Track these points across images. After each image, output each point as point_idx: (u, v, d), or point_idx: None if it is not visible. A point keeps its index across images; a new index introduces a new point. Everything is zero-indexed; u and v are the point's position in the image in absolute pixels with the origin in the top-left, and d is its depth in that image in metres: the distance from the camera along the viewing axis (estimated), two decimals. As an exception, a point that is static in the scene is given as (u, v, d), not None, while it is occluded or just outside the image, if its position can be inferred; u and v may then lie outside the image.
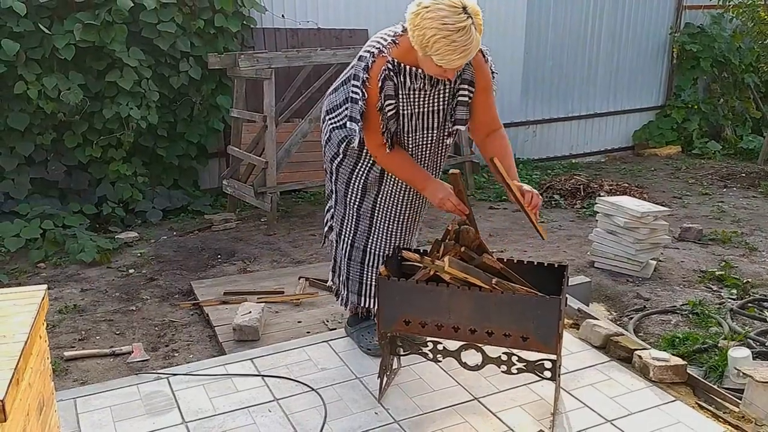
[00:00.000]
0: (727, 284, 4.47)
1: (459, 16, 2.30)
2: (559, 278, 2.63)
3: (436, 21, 2.29)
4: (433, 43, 2.32)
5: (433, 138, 2.79)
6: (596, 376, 2.89)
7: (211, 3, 5.88)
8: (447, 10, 2.30)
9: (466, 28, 2.30)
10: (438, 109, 2.72)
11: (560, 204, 6.38)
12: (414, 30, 2.36)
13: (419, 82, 2.60)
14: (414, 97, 2.65)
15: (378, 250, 2.97)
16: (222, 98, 6.12)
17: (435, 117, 2.73)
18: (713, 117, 8.77)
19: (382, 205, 2.91)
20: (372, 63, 2.56)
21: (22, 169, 5.52)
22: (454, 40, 2.30)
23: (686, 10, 8.61)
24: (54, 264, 4.87)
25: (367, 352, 3.08)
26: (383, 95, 2.57)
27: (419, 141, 2.77)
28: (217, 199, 6.36)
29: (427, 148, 2.81)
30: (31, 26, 5.20)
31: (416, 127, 2.73)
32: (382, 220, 2.93)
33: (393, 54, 2.55)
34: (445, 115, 2.74)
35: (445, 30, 2.29)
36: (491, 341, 2.54)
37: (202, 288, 4.27)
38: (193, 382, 2.88)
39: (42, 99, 5.30)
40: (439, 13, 2.29)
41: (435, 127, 2.76)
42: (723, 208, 6.30)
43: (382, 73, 2.54)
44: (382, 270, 2.63)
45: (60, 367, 3.38)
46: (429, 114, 2.71)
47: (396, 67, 2.55)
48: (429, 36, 2.32)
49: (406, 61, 2.55)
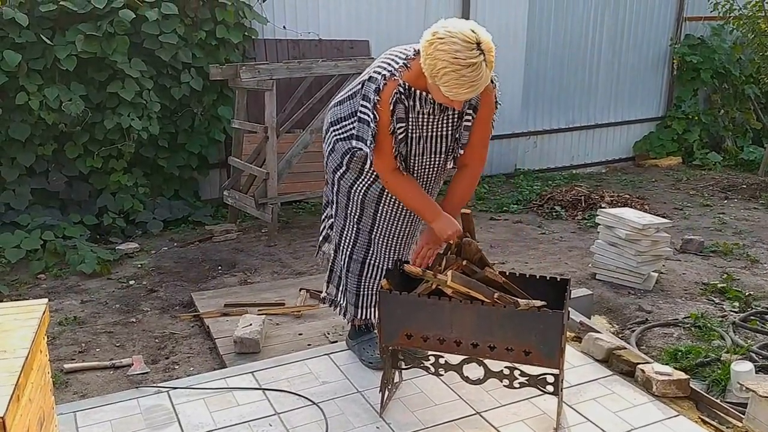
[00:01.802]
0: (729, 297, 4.45)
1: (471, 52, 2.31)
2: (562, 292, 2.63)
3: (448, 54, 2.31)
4: (443, 75, 2.34)
5: (439, 162, 2.81)
6: (599, 390, 2.88)
7: (212, 14, 5.89)
8: (460, 45, 2.31)
9: (476, 65, 2.31)
10: (445, 134, 2.73)
11: (561, 215, 6.38)
12: (426, 58, 2.37)
13: (428, 106, 2.62)
14: (422, 121, 2.67)
15: (377, 263, 2.97)
16: (223, 109, 6.12)
17: (442, 141, 2.75)
18: (714, 128, 8.78)
19: (381, 220, 2.93)
20: (383, 86, 2.56)
21: (23, 179, 5.51)
22: (463, 75, 2.31)
23: (686, 21, 8.63)
24: (54, 275, 4.86)
25: (368, 365, 3.07)
26: (395, 118, 2.58)
27: (425, 164, 2.79)
28: (218, 209, 6.35)
29: (432, 172, 2.84)
30: (32, 37, 5.21)
31: (423, 150, 2.74)
32: (382, 235, 2.95)
33: (404, 78, 2.57)
34: (452, 140, 2.76)
35: (456, 64, 2.30)
36: (493, 355, 2.53)
37: (202, 300, 4.26)
38: (194, 396, 2.87)
39: (43, 110, 5.30)
40: (452, 47, 2.30)
41: (442, 151, 2.78)
42: (724, 219, 6.29)
43: (393, 96, 2.55)
44: (383, 283, 2.63)
45: (60, 380, 3.36)
46: (436, 138, 2.73)
47: (407, 91, 2.57)
48: (439, 67, 2.33)
49: (417, 85, 2.56)
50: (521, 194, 7.03)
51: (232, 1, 5.94)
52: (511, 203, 6.73)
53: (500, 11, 7.36)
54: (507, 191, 7.24)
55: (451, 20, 2.41)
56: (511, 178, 7.74)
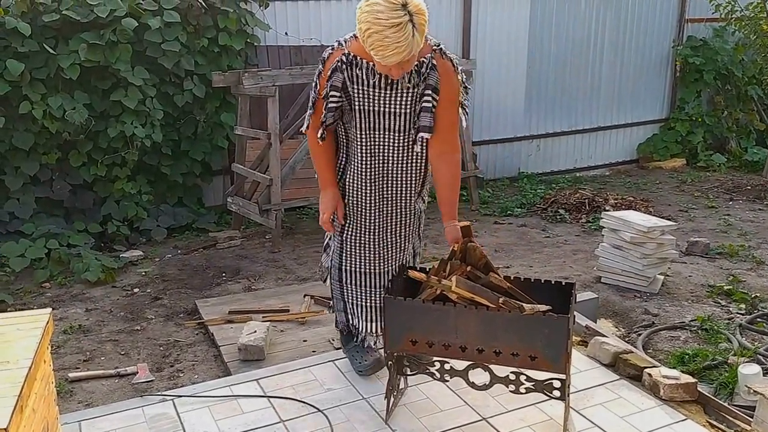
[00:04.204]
0: (735, 299, 4.43)
1: (395, 12, 2.29)
2: (567, 296, 2.61)
3: (371, 15, 2.31)
4: (368, 37, 2.34)
5: (398, 142, 2.73)
6: (606, 394, 2.86)
7: (215, 21, 5.91)
8: (383, 5, 2.30)
9: (400, 25, 2.29)
10: (400, 111, 2.66)
11: (565, 218, 6.36)
12: (357, 24, 2.39)
13: (374, 77, 2.59)
14: (370, 94, 2.63)
15: (352, 268, 2.92)
16: (226, 116, 6.13)
17: (397, 119, 2.68)
18: (717, 129, 8.76)
19: (350, 220, 2.87)
20: (329, 55, 2.62)
21: (27, 188, 5.52)
22: (386, 36, 2.30)
23: (688, 23, 8.62)
24: (59, 283, 4.86)
25: (359, 372, 3.04)
26: (329, 84, 2.61)
27: (380, 142, 2.73)
28: (222, 216, 6.35)
29: (393, 152, 2.75)
30: (36, 47, 5.23)
31: (374, 126, 2.70)
32: (351, 236, 2.88)
33: (351, 47, 2.58)
34: (408, 119, 2.68)
35: (378, 25, 2.30)
36: (499, 361, 2.51)
37: (206, 307, 4.25)
38: (199, 404, 2.86)
39: (47, 119, 5.31)
40: (375, 8, 2.31)
41: (397, 129, 2.70)
42: (729, 221, 6.27)
43: (334, 64, 2.58)
44: (387, 289, 2.62)
45: (65, 389, 3.36)
46: (389, 115, 2.67)
47: (351, 60, 2.58)
48: (364, 29, 2.34)
49: (364, 55, 2.54)
50: (525, 198, 7.01)
51: (234, 9, 5.96)
52: (515, 207, 6.72)
53: (502, 15, 7.36)
54: (511, 195, 7.23)
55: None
56: (515, 182, 7.73)
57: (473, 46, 7.30)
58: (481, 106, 7.53)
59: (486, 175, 7.49)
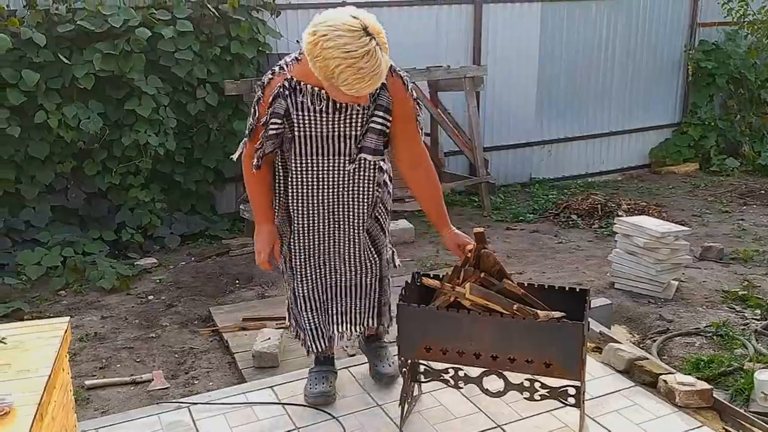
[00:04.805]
0: (750, 304, 4.40)
1: (361, 41, 2.12)
2: (581, 302, 2.61)
3: (338, 50, 2.11)
4: (340, 73, 2.14)
5: (345, 165, 2.56)
6: (621, 401, 2.85)
7: (227, 30, 5.95)
8: (348, 37, 2.11)
9: (371, 52, 2.13)
10: (350, 134, 2.50)
11: (578, 224, 6.34)
12: (315, 61, 2.17)
13: (321, 103, 2.42)
14: (315, 119, 2.45)
15: (301, 292, 2.78)
16: (239, 124, 6.15)
17: (346, 141, 2.51)
18: (730, 133, 8.71)
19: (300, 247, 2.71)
20: (269, 80, 2.44)
21: (43, 197, 5.58)
22: (361, 68, 2.12)
23: (700, 27, 8.59)
24: (74, 291, 4.90)
25: (305, 399, 2.90)
26: (270, 111, 2.42)
27: (325, 166, 2.55)
28: (235, 223, 6.38)
29: (340, 176, 2.57)
30: (51, 57, 5.29)
31: (318, 150, 2.52)
32: (303, 262, 2.73)
33: (294, 72, 2.40)
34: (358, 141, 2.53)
35: (350, 58, 2.11)
36: (513, 367, 2.51)
37: (220, 314, 4.28)
38: (214, 411, 2.87)
39: (62, 128, 5.37)
40: (338, 41, 2.10)
41: (346, 152, 2.53)
42: (743, 226, 6.23)
43: (275, 90, 2.40)
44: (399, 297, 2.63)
45: (81, 397, 3.39)
46: (337, 138, 2.50)
47: (294, 86, 2.40)
48: (333, 66, 2.13)
49: (308, 80, 2.37)
50: (537, 203, 7.00)
51: (246, 17, 6.00)
52: (527, 213, 6.71)
53: (512, 21, 7.37)
54: (523, 200, 7.22)
55: (325, 13, 2.19)
56: (527, 188, 7.72)
57: (484, 52, 7.31)
58: (492, 112, 7.53)
59: (497, 181, 7.48)
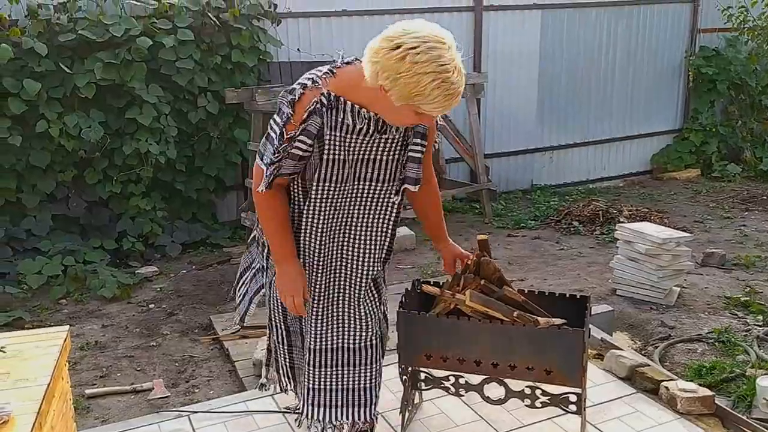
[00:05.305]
0: (752, 310, 4.38)
1: (450, 53, 1.88)
2: (582, 309, 2.60)
3: (433, 63, 1.84)
4: (431, 90, 1.86)
5: (372, 193, 2.25)
6: (623, 408, 2.84)
7: (228, 39, 5.97)
8: (440, 49, 1.86)
9: (459, 67, 1.90)
10: (386, 158, 2.21)
11: (579, 230, 6.33)
12: (399, 77, 1.87)
13: (362, 123, 2.11)
14: (351, 141, 2.13)
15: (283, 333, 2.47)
16: (239, 132, 6.17)
17: (379, 167, 2.22)
18: (732, 139, 8.70)
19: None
20: (301, 95, 2.08)
21: (44, 206, 5.58)
22: (453, 82, 1.87)
23: (701, 33, 8.60)
24: (75, 300, 4.90)
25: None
26: (302, 128, 2.07)
27: (348, 193, 2.22)
28: (236, 231, 6.38)
29: (362, 204, 2.26)
30: (52, 66, 5.31)
31: (343, 176, 2.18)
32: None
33: (330, 87, 2.08)
34: (391, 167, 2.23)
35: (444, 72, 1.85)
36: (514, 375, 2.51)
37: (221, 322, 4.27)
38: (214, 420, 2.87)
39: (63, 137, 5.38)
40: (432, 53, 1.84)
41: (376, 179, 2.23)
42: (745, 231, 6.22)
43: (311, 105, 2.06)
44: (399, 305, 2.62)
45: (81, 405, 3.38)
46: (370, 163, 2.20)
47: (332, 101, 2.07)
48: (426, 83, 1.85)
49: (348, 96, 2.08)
50: (538, 210, 7.00)
51: (247, 26, 6.02)
52: (529, 219, 6.70)
53: (513, 27, 7.39)
54: (524, 207, 7.22)
55: (399, 24, 1.93)
56: (528, 194, 7.71)
57: (484, 58, 7.32)
58: (493, 118, 7.54)
59: (499, 188, 7.48)
